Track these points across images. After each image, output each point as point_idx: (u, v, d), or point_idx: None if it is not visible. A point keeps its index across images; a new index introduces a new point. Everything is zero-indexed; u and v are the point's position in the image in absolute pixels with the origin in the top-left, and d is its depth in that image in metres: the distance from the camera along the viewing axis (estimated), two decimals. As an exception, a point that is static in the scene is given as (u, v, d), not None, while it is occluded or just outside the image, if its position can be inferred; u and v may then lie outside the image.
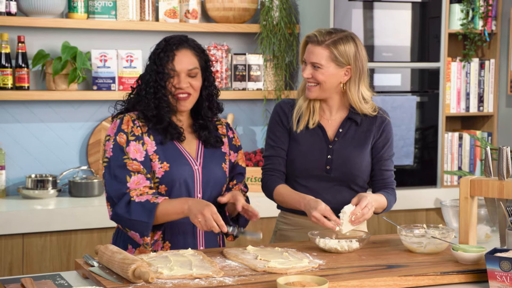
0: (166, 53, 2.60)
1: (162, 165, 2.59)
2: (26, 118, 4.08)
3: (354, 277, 2.23)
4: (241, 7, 4.34)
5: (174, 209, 2.51)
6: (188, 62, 2.62)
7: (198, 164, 2.66)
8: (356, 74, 2.75)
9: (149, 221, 2.49)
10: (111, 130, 2.62)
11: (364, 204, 2.60)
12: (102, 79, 4.13)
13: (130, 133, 2.59)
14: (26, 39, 4.02)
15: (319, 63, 2.72)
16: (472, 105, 4.63)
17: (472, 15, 4.55)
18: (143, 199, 2.52)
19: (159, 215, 2.51)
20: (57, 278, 2.28)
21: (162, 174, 2.59)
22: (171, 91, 2.61)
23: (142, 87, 2.63)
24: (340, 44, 2.71)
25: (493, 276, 2.20)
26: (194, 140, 2.70)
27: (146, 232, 2.51)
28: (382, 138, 2.83)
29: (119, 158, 2.57)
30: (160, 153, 2.60)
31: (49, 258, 3.69)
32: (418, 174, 4.46)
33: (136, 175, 2.55)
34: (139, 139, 2.59)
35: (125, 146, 2.57)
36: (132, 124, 2.61)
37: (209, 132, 2.71)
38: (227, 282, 2.17)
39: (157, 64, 2.60)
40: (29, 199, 3.95)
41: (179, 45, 2.63)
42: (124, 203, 2.53)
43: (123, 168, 2.55)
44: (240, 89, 4.42)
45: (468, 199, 2.58)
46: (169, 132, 2.62)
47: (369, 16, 4.24)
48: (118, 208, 2.53)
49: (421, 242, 2.52)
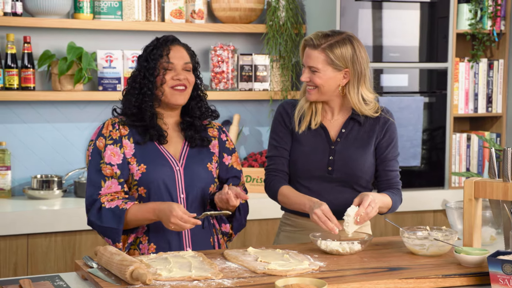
0: (160, 48, 2.62)
1: (140, 167, 2.61)
2: (31, 118, 4.09)
3: (355, 279, 2.21)
4: (247, 7, 4.32)
5: (143, 216, 2.54)
6: (182, 57, 2.66)
7: (180, 165, 2.65)
8: (354, 77, 2.72)
9: (118, 227, 2.52)
10: (93, 135, 2.66)
11: (367, 203, 2.57)
12: (108, 80, 4.12)
13: (108, 137, 2.61)
14: (32, 39, 4.02)
15: (316, 67, 2.70)
16: (480, 106, 4.59)
17: (481, 15, 4.51)
18: (113, 205, 2.55)
19: (129, 220, 2.54)
20: (56, 279, 2.27)
21: (140, 176, 2.60)
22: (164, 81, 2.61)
23: (128, 82, 2.66)
24: (336, 47, 2.68)
25: (495, 279, 2.17)
26: (180, 140, 2.70)
27: (117, 238, 2.54)
28: (386, 138, 2.80)
29: (97, 163, 2.60)
30: (137, 156, 2.62)
31: (53, 258, 3.69)
32: (425, 175, 4.43)
33: (110, 179, 2.58)
34: (116, 142, 2.61)
35: (102, 151, 2.60)
36: (111, 128, 2.63)
37: (195, 131, 2.70)
38: (225, 284, 2.15)
39: (148, 60, 2.62)
40: (34, 199, 3.95)
41: (173, 42, 2.67)
42: (96, 209, 2.57)
43: (99, 173, 2.59)
44: (246, 89, 4.40)
45: (473, 201, 2.55)
46: (148, 133, 2.62)
47: (376, 16, 4.21)
48: (90, 215, 2.58)
49: (424, 244, 2.49)
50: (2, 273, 3.61)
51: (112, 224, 2.52)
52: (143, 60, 2.65)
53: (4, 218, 3.60)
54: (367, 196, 2.59)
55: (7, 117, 4.03)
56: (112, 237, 2.54)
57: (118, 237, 2.54)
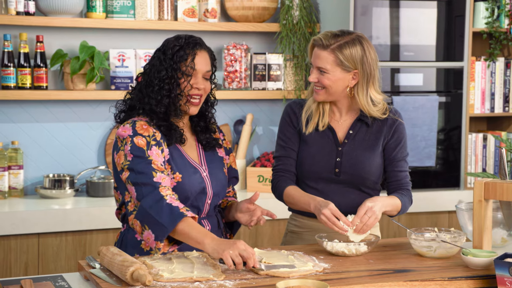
0: (186, 51, 2.52)
1: (175, 175, 2.53)
2: (44, 117, 4.09)
3: (358, 281, 2.18)
4: (261, 6, 4.29)
5: (195, 236, 2.32)
6: (206, 64, 2.57)
7: (205, 169, 2.61)
8: (364, 78, 2.67)
9: (168, 227, 2.34)
10: (123, 132, 2.51)
11: (363, 212, 2.54)
12: (120, 79, 4.11)
13: (151, 137, 2.49)
14: (45, 38, 4.03)
15: (325, 68, 2.65)
16: (497, 106, 4.52)
17: (498, 13, 4.45)
18: (174, 203, 2.38)
19: (179, 230, 2.35)
20: (58, 280, 2.27)
21: (175, 185, 2.52)
22: (186, 90, 2.53)
23: (156, 83, 2.51)
24: (345, 48, 2.63)
25: (502, 282, 2.13)
26: (193, 143, 2.66)
27: (161, 237, 2.36)
28: (394, 139, 2.76)
29: (143, 157, 2.45)
30: (172, 163, 2.53)
31: (64, 258, 3.69)
32: (441, 176, 4.37)
33: (160, 173, 2.45)
34: (159, 145, 2.50)
35: (146, 149, 2.46)
36: (154, 129, 2.52)
37: (210, 134, 2.67)
38: (227, 285, 2.13)
39: (174, 60, 2.51)
40: (46, 198, 3.96)
41: (200, 46, 2.56)
42: (154, 199, 2.39)
43: (148, 165, 2.44)
44: (259, 89, 4.37)
45: (482, 202, 2.50)
46: (172, 135, 2.55)
47: (392, 14, 4.17)
48: (145, 202, 2.39)
49: (431, 246, 2.45)
50: (14, 273, 3.62)
51: (165, 221, 2.33)
52: (169, 57, 2.52)
53: (15, 217, 3.61)
54: (363, 205, 2.55)
55: (19, 116, 4.04)
56: (157, 233, 2.36)
57: (163, 236, 2.36)
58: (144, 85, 2.57)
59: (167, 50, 2.55)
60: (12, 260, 3.62)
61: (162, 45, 2.59)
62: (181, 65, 2.52)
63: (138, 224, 2.42)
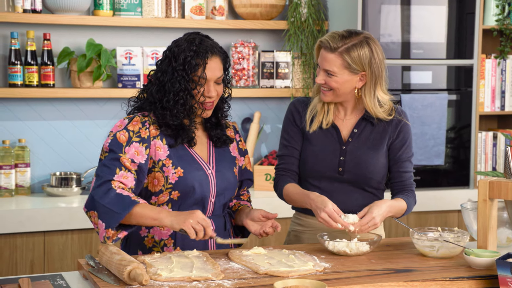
0: (197, 60, 2.47)
1: (176, 170, 2.51)
2: (51, 115, 4.09)
3: (358, 281, 2.15)
4: (269, 4, 4.27)
5: (150, 214, 2.36)
6: (218, 70, 2.52)
7: (211, 168, 2.59)
8: (371, 80, 2.63)
9: (121, 212, 2.33)
10: (115, 127, 2.52)
11: (365, 222, 2.51)
12: (127, 77, 4.11)
13: (135, 133, 2.48)
14: (52, 36, 4.03)
15: (332, 71, 2.61)
16: (507, 104, 4.47)
17: (508, 11, 4.40)
18: (124, 193, 2.38)
19: (134, 213, 2.35)
20: (57, 279, 2.26)
21: (176, 179, 2.50)
22: (199, 98, 2.50)
23: (170, 97, 2.48)
24: (353, 50, 2.59)
25: (504, 282, 2.09)
26: (205, 139, 2.63)
27: (113, 224, 2.34)
28: (399, 139, 2.73)
29: (115, 152, 2.46)
30: (173, 158, 2.52)
31: (70, 256, 3.69)
32: (450, 174, 4.33)
33: (126, 171, 2.44)
34: (144, 141, 2.49)
35: (124, 145, 2.47)
36: (141, 126, 2.50)
37: (221, 130, 2.64)
38: (225, 285, 2.11)
39: (186, 71, 2.47)
40: (53, 196, 3.96)
41: (211, 52, 2.50)
42: (104, 190, 2.39)
43: (116, 161, 2.44)
44: (267, 86, 4.35)
45: (487, 201, 2.47)
46: (180, 136, 2.52)
47: (401, 12, 4.13)
48: (94, 193, 2.39)
49: (434, 246, 2.42)
50: (19, 270, 3.62)
51: (116, 208, 2.33)
52: (180, 67, 2.47)
53: (22, 215, 3.61)
54: (370, 214, 2.52)
55: (26, 114, 4.04)
56: (108, 221, 2.34)
57: (115, 223, 2.33)
58: (156, 90, 2.53)
59: (178, 56, 2.49)
60: (18, 258, 3.62)
61: (173, 48, 2.52)
62: (193, 75, 2.48)
63: (95, 215, 2.40)
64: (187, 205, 2.54)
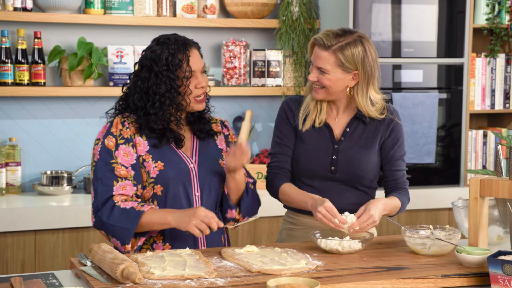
0: (179, 56, 2.50)
1: (156, 164, 2.52)
2: (42, 114, 4.08)
3: (351, 279, 2.16)
4: (260, 2, 4.27)
5: (157, 220, 2.44)
6: (199, 60, 2.57)
7: (194, 161, 2.60)
8: (364, 79, 2.64)
9: (131, 228, 2.42)
10: (100, 134, 2.55)
11: (365, 219, 2.52)
12: (119, 75, 4.10)
13: (119, 136, 2.51)
14: (43, 34, 4.02)
15: (325, 69, 2.62)
16: (497, 102, 4.50)
17: (498, 9, 4.42)
18: (128, 206, 2.45)
19: (143, 223, 2.44)
20: (50, 278, 2.25)
21: (157, 173, 2.52)
22: (188, 92, 2.51)
23: (156, 98, 2.48)
24: (347, 49, 2.60)
25: (495, 279, 2.11)
26: (189, 135, 2.65)
27: (127, 240, 2.44)
28: (391, 138, 2.74)
29: (107, 162, 2.49)
30: (153, 152, 2.53)
31: (61, 255, 3.68)
32: (441, 173, 4.35)
33: (123, 181, 2.48)
34: (128, 141, 2.52)
35: (113, 150, 2.50)
36: (121, 126, 2.52)
37: (203, 123, 2.66)
38: (218, 283, 2.11)
39: (171, 70, 2.48)
40: (44, 195, 3.95)
41: (189, 45, 2.54)
42: (108, 208, 2.45)
43: (111, 173, 2.48)
44: (259, 85, 4.35)
45: (478, 199, 2.48)
46: (165, 136, 2.54)
47: (392, 10, 4.14)
48: (101, 214, 2.46)
49: (425, 244, 2.43)
50: (10, 269, 3.61)
51: (125, 224, 2.42)
52: (164, 68, 2.48)
53: (12, 214, 3.60)
54: (368, 212, 2.53)
55: (17, 113, 4.03)
56: (122, 238, 2.44)
57: (129, 238, 2.44)
58: (138, 98, 2.53)
59: (158, 59, 2.50)
60: (8, 257, 3.61)
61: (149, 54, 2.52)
62: (178, 72, 2.50)
63: (103, 233, 2.50)
64: (172, 200, 2.55)
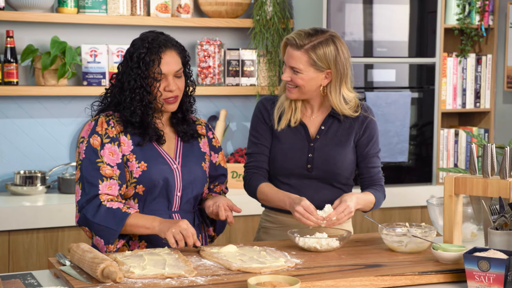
0: (151, 56, 2.50)
1: (140, 164, 2.53)
2: (15, 113, 4.05)
3: (330, 276, 2.18)
4: (234, 2, 4.28)
5: (143, 223, 2.44)
6: (174, 63, 2.55)
7: (177, 163, 2.60)
8: (337, 77, 2.67)
9: (117, 229, 2.42)
10: (85, 132, 2.55)
11: (341, 210, 2.55)
12: (92, 75, 4.08)
13: (104, 135, 2.51)
14: (15, 33, 3.98)
15: (298, 68, 2.64)
16: (468, 101, 4.56)
17: (469, 10, 4.48)
18: (114, 206, 2.45)
19: (127, 226, 2.44)
20: (28, 278, 2.24)
21: (140, 173, 2.52)
22: (158, 95, 2.52)
23: (127, 94, 2.51)
24: (319, 48, 2.63)
25: (471, 276, 2.14)
26: (172, 135, 2.65)
27: (111, 240, 2.44)
28: (366, 136, 2.77)
29: (92, 161, 2.49)
30: (137, 153, 2.54)
31: (35, 255, 3.66)
32: (413, 171, 4.40)
33: (109, 180, 2.48)
34: (114, 140, 2.52)
35: (99, 149, 2.50)
36: (107, 126, 2.53)
37: (187, 125, 2.66)
38: (198, 282, 2.12)
39: (142, 68, 2.50)
40: (17, 195, 3.92)
41: (164, 47, 2.53)
42: (94, 207, 2.46)
43: (96, 172, 2.48)
44: (233, 84, 4.37)
45: (453, 197, 2.52)
46: (148, 134, 2.55)
47: (365, 10, 4.18)
48: (86, 212, 2.46)
49: (402, 241, 2.47)
50: (-16, 270, 3.59)
51: (110, 224, 2.42)
52: (135, 65, 2.50)
53: (-14, 214, 3.57)
54: (344, 203, 2.56)
55: (-10, 112, 4.00)
56: (107, 237, 2.44)
57: (113, 238, 2.44)
58: (118, 91, 2.56)
59: (132, 55, 2.53)
60: (-18, 257, 3.58)
61: (130, 47, 2.57)
62: (149, 72, 2.51)
63: (87, 230, 2.51)
64: (152, 199, 2.56)
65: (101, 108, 2.63)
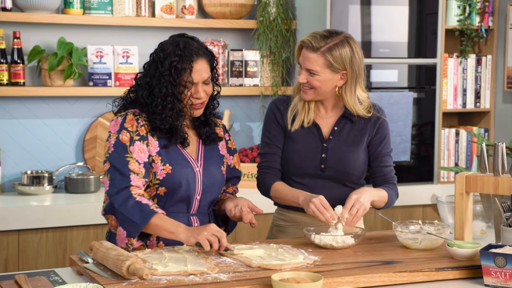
0: (183, 64, 2.49)
1: (165, 167, 2.54)
2: (21, 114, 4.08)
3: (349, 273, 2.23)
4: (238, 3, 4.33)
5: (168, 227, 2.41)
6: (204, 72, 2.55)
7: (199, 165, 2.63)
8: (352, 78, 2.71)
9: (141, 223, 2.41)
10: (112, 128, 2.55)
11: (350, 204, 2.60)
12: (98, 75, 4.12)
13: (135, 132, 2.52)
14: (22, 34, 4.01)
15: (314, 70, 2.68)
16: (468, 101, 4.62)
17: (469, 11, 4.54)
18: (143, 201, 2.44)
19: (151, 224, 2.42)
20: (52, 275, 2.28)
21: (164, 176, 2.54)
22: (187, 101, 2.53)
23: (158, 101, 2.51)
24: (335, 50, 2.66)
25: (487, 272, 2.20)
26: (194, 138, 2.67)
27: (133, 234, 2.43)
28: (379, 135, 2.82)
29: (122, 155, 2.50)
30: (163, 155, 2.55)
31: (44, 254, 3.69)
32: (415, 170, 4.46)
33: (135, 175, 2.49)
34: (144, 139, 2.53)
35: (128, 145, 2.50)
36: (137, 124, 2.54)
37: (210, 128, 2.69)
38: (221, 278, 2.16)
39: (173, 76, 2.50)
40: (24, 195, 3.94)
41: (196, 55, 2.52)
42: (124, 197, 2.44)
43: (125, 165, 2.49)
44: (237, 85, 4.41)
45: (464, 195, 2.57)
46: (174, 137, 2.56)
47: (367, 12, 4.23)
48: (115, 200, 2.45)
49: (416, 238, 2.52)
50: (-7, 269, 3.61)
51: (136, 218, 2.40)
52: (167, 72, 2.50)
53: (-6, 214, 3.60)
54: (350, 198, 2.61)
55: (-3, 113, 4.03)
56: (130, 230, 2.42)
57: (136, 233, 2.42)
58: (147, 94, 2.55)
59: (163, 61, 2.51)
60: (-8, 256, 3.61)
61: (159, 52, 2.54)
62: (180, 80, 2.51)
63: (113, 219, 2.48)
64: (173, 201, 2.58)
65: (122, 104, 2.63)
